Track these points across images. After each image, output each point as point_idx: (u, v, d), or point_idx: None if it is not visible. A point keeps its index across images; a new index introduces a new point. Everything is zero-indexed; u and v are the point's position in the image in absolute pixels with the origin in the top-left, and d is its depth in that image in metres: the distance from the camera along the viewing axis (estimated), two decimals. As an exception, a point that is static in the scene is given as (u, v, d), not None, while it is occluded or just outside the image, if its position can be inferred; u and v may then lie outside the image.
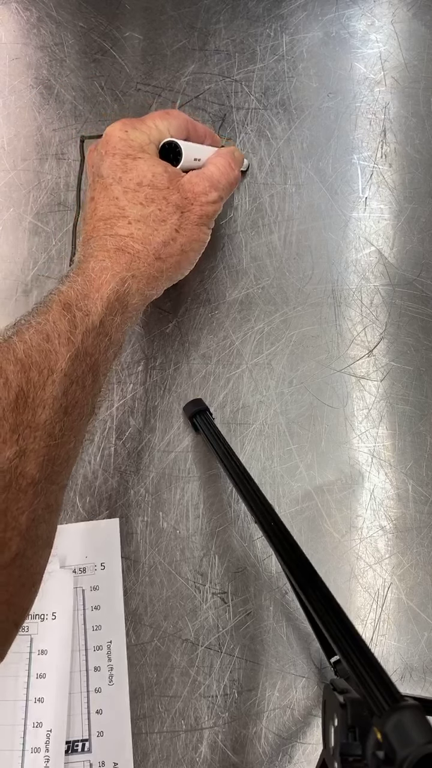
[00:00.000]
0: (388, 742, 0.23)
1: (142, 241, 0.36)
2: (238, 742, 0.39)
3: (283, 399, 0.47)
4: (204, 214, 0.39)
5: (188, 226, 0.38)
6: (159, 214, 0.37)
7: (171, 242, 0.37)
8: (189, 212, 0.38)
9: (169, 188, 0.37)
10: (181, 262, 0.39)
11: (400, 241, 0.51)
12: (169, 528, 0.43)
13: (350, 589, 0.42)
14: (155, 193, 0.37)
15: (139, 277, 0.36)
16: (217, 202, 0.40)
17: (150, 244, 0.36)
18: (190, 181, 0.39)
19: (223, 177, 0.41)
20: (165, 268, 0.37)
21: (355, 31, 0.57)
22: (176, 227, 0.37)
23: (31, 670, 0.39)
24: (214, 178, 0.40)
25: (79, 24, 0.57)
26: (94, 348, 0.33)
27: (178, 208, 0.37)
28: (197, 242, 0.39)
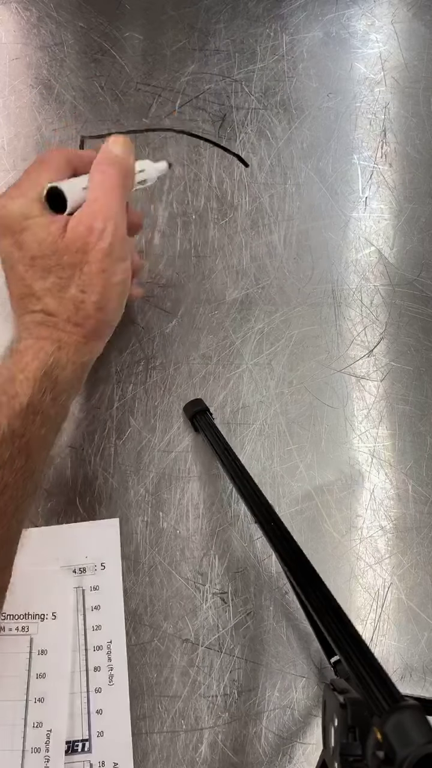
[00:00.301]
0: (388, 742, 0.23)
1: (55, 312, 0.35)
2: (238, 742, 0.39)
3: (283, 399, 0.47)
4: (103, 255, 0.35)
5: (93, 280, 0.35)
6: (59, 282, 0.35)
7: (81, 305, 0.35)
8: (87, 264, 0.35)
9: (57, 252, 0.35)
10: (103, 318, 0.36)
11: (400, 241, 0.51)
12: (169, 528, 0.43)
13: (350, 589, 0.42)
14: (48, 263, 0.35)
15: (66, 347, 0.35)
16: (106, 229, 0.35)
17: (63, 314, 0.35)
18: (74, 230, 0.35)
19: (100, 192, 0.36)
20: (89, 331, 0.35)
21: (355, 31, 0.57)
22: (81, 288, 0.35)
23: (31, 670, 0.39)
24: (92, 205, 0.36)
25: (79, 24, 0.57)
26: (24, 429, 0.32)
27: (75, 267, 0.35)
28: (112, 288, 0.36)
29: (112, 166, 0.37)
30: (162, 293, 0.49)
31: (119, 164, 0.38)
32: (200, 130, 0.54)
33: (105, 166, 0.37)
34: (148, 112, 0.54)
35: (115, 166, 0.37)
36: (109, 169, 0.37)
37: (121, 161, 0.38)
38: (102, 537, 0.43)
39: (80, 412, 0.46)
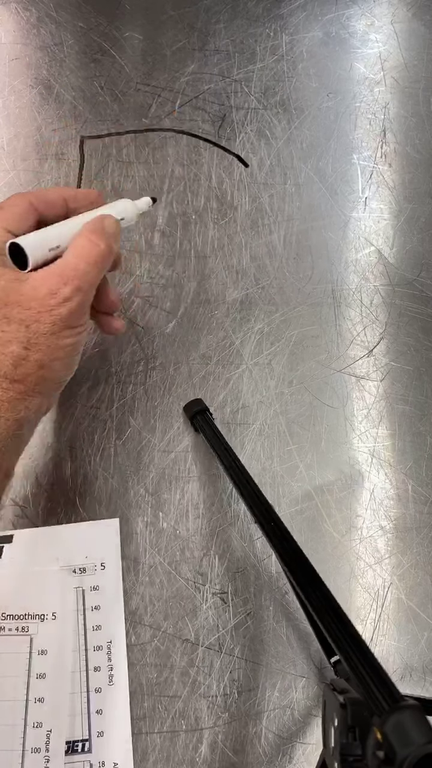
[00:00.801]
0: (388, 742, 0.23)
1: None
2: (238, 742, 0.39)
3: (283, 399, 0.47)
4: (58, 320, 0.33)
5: (41, 339, 0.33)
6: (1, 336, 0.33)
7: (23, 362, 0.33)
8: (38, 323, 0.33)
9: (7, 305, 0.33)
10: (46, 376, 0.34)
11: (399, 241, 0.51)
12: (169, 528, 0.43)
13: (350, 589, 0.42)
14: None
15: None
16: (71, 299, 0.33)
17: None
18: (33, 287, 0.33)
19: (82, 260, 0.34)
20: (27, 389, 0.34)
21: (355, 31, 0.57)
22: (24, 345, 0.33)
23: (30, 670, 0.39)
24: (66, 269, 0.34)
25: (78, 24, 0.57)
26: None
27: (22, 323, 0.33)
28: (60, 350, 0.34)
29: (103, 240, 0.36)
30: (162, 293, 0.49)
31: (108, 241, 0.36)
32: (200, 130, 0.54)
33: (96, 237, 0.36)
34: (147, 112, 0.54)
35: (104, 241, 0.36)
36: (99, 241, 0.36)
37: (110, 238, 0.36)
38: (102, 537, 0.43)
39: (80, 413, 0.46)
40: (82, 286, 0.34)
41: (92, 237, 0.36)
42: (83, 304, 0.35)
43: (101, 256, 0.35)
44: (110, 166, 0.53)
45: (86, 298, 0.35)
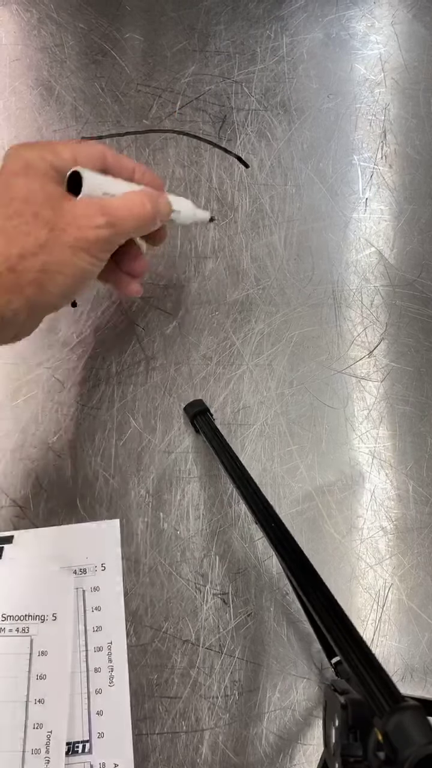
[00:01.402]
0: (389, 742, 0.23)
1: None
2: (238, 743, 0.39)
3: (284, 400, 0.47)
4: (81, 237, 0.35)
5: (57, 246, 0.34)
6: (23, 227, 0.34)
7: (30, 257, 0.34)
8: (62, 231, 0.35)
9: (42, 204, 0.34)
10: (43, 283, 0.35)
11: (400, 242, 0.51)
12: (170, 529, 0.43)
13: (351, 590, 0.42)
14: (24, 208, 0.34)
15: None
16: (102, 228, 0.35)
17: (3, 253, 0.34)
18: (75, 204, 0.36)
19: (124, 208, 0.37)
20: (21, 283, 0.34)
21: (356, 33, 0.57)
22: (40, 243, 0.34)
23: (31, 671, 0.39)
24: (110, 206, 0.36)
25: (79, 25, 0.57)
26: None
27: (49, 224, 0.34)
28: (68, 267, 0.35)
29: (152, 206, 0.38)
30: (162, 294, 0.49)
31: (156, 210, 0.39)
32: (200, 131, 0.54)
33: (147, 200, 0.38)
34: (148, 113, 0.54)
35: (153, 207, 0.38)
36: (148, 204, 0.38)
37: (158, 211, 0.39)
38: (102, 538, 0.43)
39: (81, 413, 0.46)
40: (115, 225, 0.36)
41: (144, 198, 0.38)
42: (109, 240, 0.36)
43: (144, 215, 0.38)
44: (111, 167, 0.53)
45: (113, 238, 0.37)
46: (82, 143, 0.38)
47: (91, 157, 0.38)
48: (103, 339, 0.48)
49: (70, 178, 0.37)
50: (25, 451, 0.45)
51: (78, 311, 0.49)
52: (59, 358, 0.48)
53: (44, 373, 0.47)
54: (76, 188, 0.36)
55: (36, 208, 0.34)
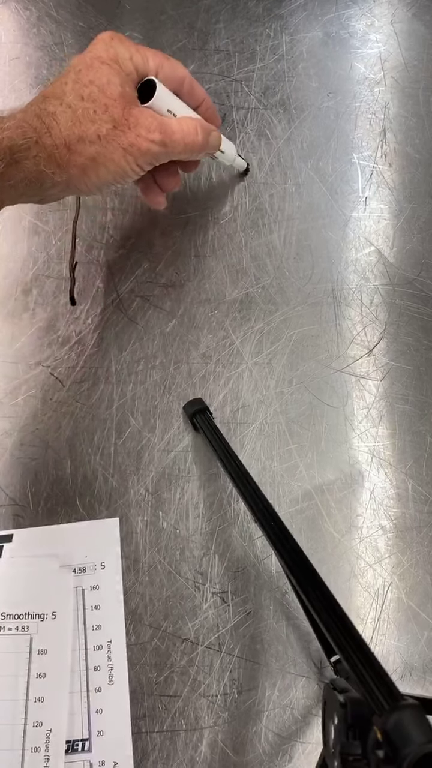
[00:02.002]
0: (388, 741, 0.23)
1: (62, 124, 0.37)
2: (238, 742, 0.39)
3: (283, 398, 0.47)
4: (135, 144, 0.38)
5: (113, 143, 0.37)
6: (91, 114, 0.37)
7: (88, 143, 0.37)
8: (121, 132, 0.37)
9: (115, 100, 0.37)
10: (88, 170, 0.38)
11: (399, 240, 0.51)
12: (169, 527, 0.43)
13: (350, 589, 0.42)
14: (100, 96, 0.37)
15: (42, 147, 0.36)
16: (155, 144, 0.38)
17: (66, 129, 0.37)
18: (141, 112, 0.38)
19: (179, 132, 0.40)
20: (69, 162, 0.37)
21: (355, 31, 0.57)
22: (100, 134, 0.37)
23: (30, 670, 0.39)
24: (168, 126, 0.39)
25: (78, 23, 0.57)
26: None
27: (114, 121, 0.37)
28: (114, 164, 0.38)
29: (204, 137, 0.42)
30: (162, 293, 0.49)
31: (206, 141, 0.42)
32: (200, 129, 0.54)
33: (201, 131, 0.42)
34: (147, 111, 0.54)
35: (204, 138, 0.42)
36: (201, 134, 0.42)
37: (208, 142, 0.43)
38: (102, 536, 0.43)
39: (80, 412, 0.46)
40: (167, 145, 0.39)
41: (200, 128, 0.42)
42: (157, 156, 0.39)
43: (193, 144, 0.41)
44: (110, 166, 0.53)
45: (161, 155, 0.40)
46: (170, 60, 0.41)
47: (171, 76, 0.41)
48: (102, 337, 0.48)
49: (144, 84, 0.40)
50: (25, 450, 0.45)
51: (77, 310, 0.49)
52: (58, 357, 0.48)
53: (43, 371, 0.47)
54: (145, 95, 0.39)
55: (109, 101, 0.37)
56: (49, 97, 0.38)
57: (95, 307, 0.49)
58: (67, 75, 0.38)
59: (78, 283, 0.49)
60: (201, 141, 0.42)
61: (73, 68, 0.38)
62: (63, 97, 0.37)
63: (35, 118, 0.36)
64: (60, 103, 0.37)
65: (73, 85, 0.37)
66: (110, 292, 0.49)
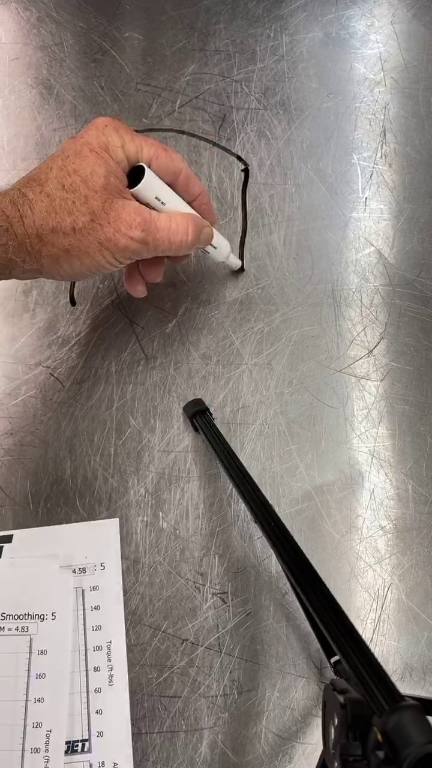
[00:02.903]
0: (388, 742, 0.23)
1: (36, 213, 0.35)
2: (237, 742, 0.39)
3: (283, 399, 0.47)
4: (112, 240, 0.36)
5: (89, 237, 0.36)
6: (69, 205, 0.36)
7: (62, 234, 0.36)
8: (99, 226, 0.36)
9: (97, 192, 0.36)
10: (60, 260, 0.36)
11: (399, 241, 0.51)
12: (169, 528, 0.43)
13: (350, 589, 0.42)
14: (81, 186, 0.36)
15: (12, 236, 0.35)
16: (134, 241, 0.37)
17: (40, 219, 0.35)
18: (124, 207, 0.37)
19: (166, 230, 0.38)
20: (40, 252, 0.36)
21: (355, 32, 0.57)
22: (76, 227, 0.36)
23: (30, 671, 0.39)
24: (153, 223, 0.38)
25: (79, 24, 0.57)
26: None
27: (92, 214, 0.36)
28: (88, 258, 0.37)
29: (194, 236, 0.40)
30: (162, 293, 0.49)
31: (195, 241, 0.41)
32: (200, 130, 0.54)
33: (192, 229, 0.40)
34: (148, 112, 0.54)
35: (194, 238, 0.40)
36: (192, 234, 0.40)
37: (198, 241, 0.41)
38: (102, 537, 0.43)
39: (80, 412, 0.46)
40: (148, 243, 0.38)
41: (191, 226, 0.40)
42: (137, 252, 0.38)
43: (181, 243, 0.39)
44: (110, 166, 0.53)
45: (142, 252, 0.38)
46: (168, 151, 0.40)
47: (167, 167, 0.40)
48: (102, 338, 0.48)
49: (133, 170, 0.39)
50: (25, 450, 0.45)
51: (77, 310, 0.49)
52: (58, 358, 0.48)
53: (43, 372, 0.47)
54: (135, 180, 0.38)
55: (90, 192, 0.36)
56: (31, 181, 0.36)
57: (95, 308, 0.49)
58: (54, 160, 0.37)
59: (78, 284, 0.49)
60: (191, 240, 0.40)
61: (62, 153, 0.37)
62: (45, 184, 0.36)
63: (10, 204, 0.35)
64: (40, 190, 0.36)
65: (58, 172, 0.36)
66: (110, 293, 0.49)
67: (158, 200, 0.39)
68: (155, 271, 0.43)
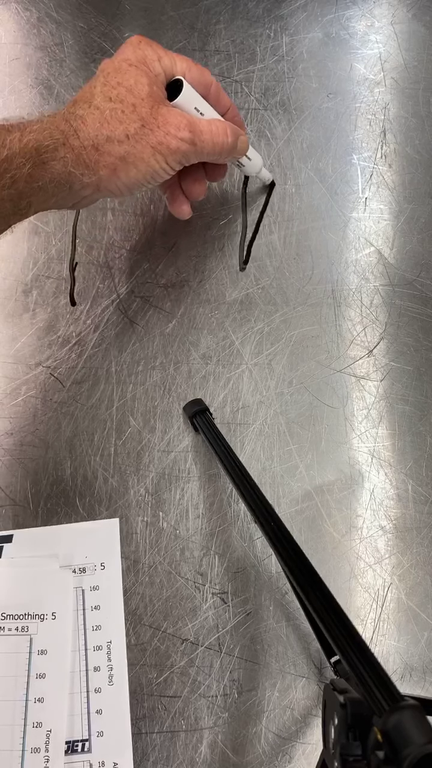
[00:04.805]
0: (388, 741, 0.23)
1: (90, 125, 0.37)
2: (237, 742, 0.39)
3: (283, 399, 0.47)
4: (164, 142, 0.38)
5: (143, 143, 0.38)
6: (119, 115, 0.37)
7: (116, 143, 0.37)
8: (150, 131, 0.38)
9: (143, 99, 0.38)
10: (117, 170, 0.38)
11: (399, 241, 0.51)
12: (169, 528, 0.43)
13: (350, 589, 0.42)
14: (128, 96, 0.38)
15: (69, 149, 0.36)
16: (184, 142, 0.39)
17: (94, 130, 0.37)
18: (170, 111, 0.39)
19: (208, 132, 0.40)
20: (98, 162, 0.37)
21: (355, 32, 0.57)
22: (129, 134, 0.37)
23: (30, 670, 0.39)
24: (197, 125, 0.40)
25: (79, 24, 0.57)
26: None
27: (142, 120, 0.38)
28: (144, 164, 0.38)
29: (233, 140, 0.42)
30: (162, 293, 0.49)
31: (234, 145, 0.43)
32: (200, 130, 0.54)
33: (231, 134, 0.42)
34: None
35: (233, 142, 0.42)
36: (231, 138, 0.42)
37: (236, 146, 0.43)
38: (102, 537, 0.43)
39: (80, 412, 0.46)
40: (196, 143, 0.40)
41: (228, 131, 0.42)
42: (186, 154, 0.40)
43: (223, 144, 0.42)
44: (110, 166, 0.53)
45: (190, 154, 0.40)
46: (198, 65, 0.42)
47: (199, 80, 0.41)
48: (102, 338, 0.48)
49: (171, 84, 0.40)
50: (25, 450, 0.45)
51: (77, 310, 0.49)
52: (58, 358, 0.48)
53: (43, 372, 0.47)
54: (173, 94, 0.40)
55: (137, 100, 0.38)
56: (78, 101, 0.38)
57: (95, 308, 0.49)
58: (96, 79, 0.39)
59: (78, 284, 0.49)
60: (230, 142, 0.42)
61: (101, 72, 0.39)
62: (91, 100, 0.38)
63: (63, 121, 0.37)
64: (88, 105, 0.37)
65: (102, 87, 0.38)
66: (110, 293, 0.49)
67: (197, 110, 0.41)
68: (199, 187, 0.45)
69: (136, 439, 0.45)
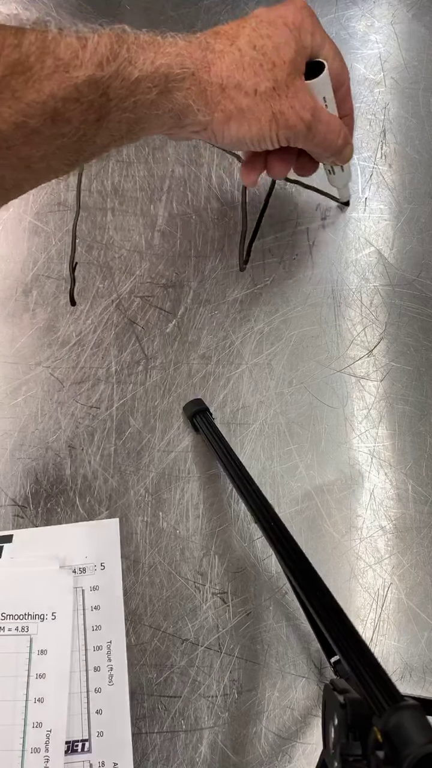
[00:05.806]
0: (388, 741, 0.23)
1: (225, 64, 0.36)
2: (237, 742, 0.39)
3: (283, 399, 0.47)
4: (285, 114, 0.37)
5: (266, 104, 0.37)
6: (257, 67, 0.36)
7: (243, 93, 0.36)
8: (278, 97, 0.37)
9: (285, 63, 0.37)
10: (231, 119, 0.37)
11: (399, 241, 0.51)
12: (169, 528, 0.43)
13: (350, 589, 0.42)
14: (272, 53, 0.36)
15: (196, 81, 0.35)
16: (303, 123, 0.38)
17: (228, 71, 0.36)
18: (304, 87, 0.38)
19: (326, 124, 0.40)
20: (218, 105, 0.36)
21: (355, 32, 0.57)
22: (258, 90, 0.36)
23: (30, 670, 0.39)
24: (321, 112, 0.39)
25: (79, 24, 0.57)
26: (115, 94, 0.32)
27: (276, 82, 0.36)
28: (257, 125, 0.37)
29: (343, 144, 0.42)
30: (162, 293, 0.49)
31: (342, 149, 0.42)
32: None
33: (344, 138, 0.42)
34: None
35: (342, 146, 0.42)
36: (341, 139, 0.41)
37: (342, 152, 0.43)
38: (102, 537, 0.43)
39: (80, 412, 0.46)
40: (311, 129, 0.39)
41: (342, 133, 0.41)
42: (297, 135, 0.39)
43: (332, 143, 0.41)
44: (110, 166, 0.53)
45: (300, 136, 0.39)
46: (341, 58, 0.41)
47: (337, 74, 0.41)
48: (102, 338, 0.48)
49: (312, 63, 0.39)
50: (25, 450, 0.45)
51: (77, 310, 0.49)
52: (58, 357, 0.48)
53: (43, 372, 0.47)
54: (309, 74, 0.39)
55: (279, 60, 0.36)
56: (221, 34, 0.37)
57: (95, 308, 0.49)
58: (247, 21, 0.37)
59: (78, 284, 0.49)
60: (340, 145, 0.41)
61: (254, 17, 0.38)
62: (236, 40, 0.36)
63: (198, 50, 0.35)
64: (230, 44, 0.36)
65: (250, 32, 0.37)
66: (110, 293, 0.49)
67: (324, 101, 0.40)
68: (283, 167, 0.43)
69: (136, 439, 0.45)
